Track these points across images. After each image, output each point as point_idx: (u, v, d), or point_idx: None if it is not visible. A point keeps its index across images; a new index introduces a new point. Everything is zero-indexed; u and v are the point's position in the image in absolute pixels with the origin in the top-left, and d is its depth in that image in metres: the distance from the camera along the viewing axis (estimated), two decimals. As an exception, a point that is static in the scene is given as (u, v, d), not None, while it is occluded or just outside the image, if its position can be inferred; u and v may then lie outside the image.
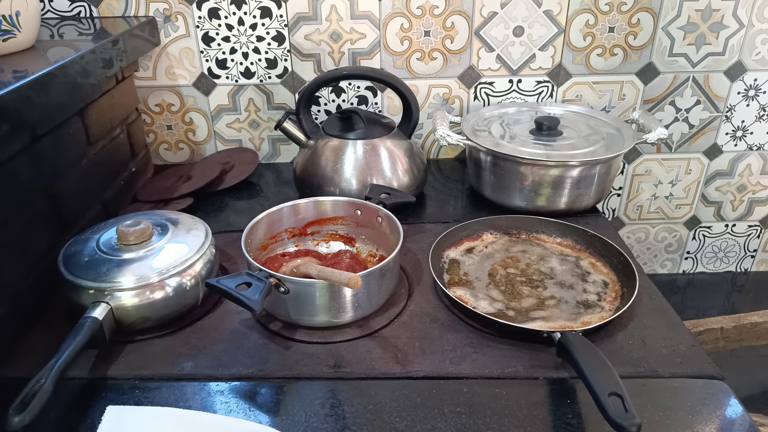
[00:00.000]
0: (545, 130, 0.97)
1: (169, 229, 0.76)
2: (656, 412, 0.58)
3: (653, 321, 0.71)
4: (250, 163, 1.11)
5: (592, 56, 1.11)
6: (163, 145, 1.18)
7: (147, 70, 1.10)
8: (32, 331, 0.71)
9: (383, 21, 1.07)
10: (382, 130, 0.98)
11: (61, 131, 0.81)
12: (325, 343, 0.69)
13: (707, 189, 1.26)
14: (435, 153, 1.22)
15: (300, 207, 0.85)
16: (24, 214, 0.72)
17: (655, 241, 1.32)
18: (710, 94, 1.15)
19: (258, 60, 1.10)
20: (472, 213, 0.98)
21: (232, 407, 0.60)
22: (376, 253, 0.84)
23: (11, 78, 0.65)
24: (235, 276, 0.66)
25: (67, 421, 0.59)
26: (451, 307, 0.74)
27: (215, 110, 1.15)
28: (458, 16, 1.07)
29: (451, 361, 0.65)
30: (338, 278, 0.65)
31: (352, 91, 1.14)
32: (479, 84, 1.14)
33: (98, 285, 0.67)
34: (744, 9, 1.07)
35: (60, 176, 0.81)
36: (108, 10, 1.04)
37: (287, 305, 0.69)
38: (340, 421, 0.58)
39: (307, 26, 1.07)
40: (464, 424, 0.57)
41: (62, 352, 0.59)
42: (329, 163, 0.96)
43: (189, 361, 0.66)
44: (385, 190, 0.89)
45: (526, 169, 0.92)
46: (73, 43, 0.89)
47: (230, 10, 1.05)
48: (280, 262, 0.76)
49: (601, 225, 0.93)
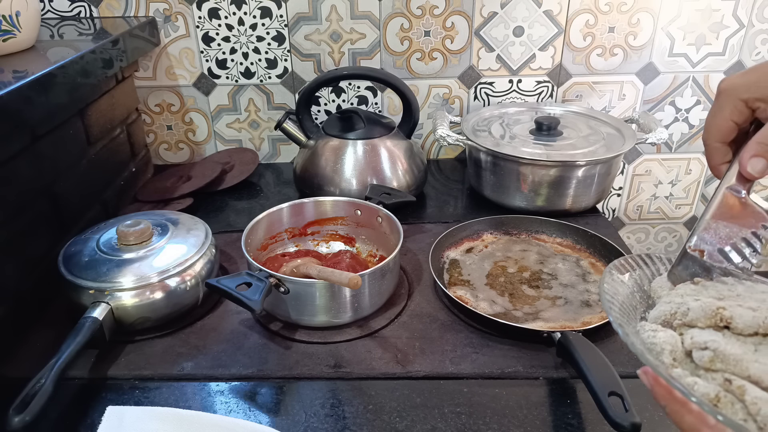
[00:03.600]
0: (545, 130, 0.97)
1: (169, 229, 0.76)
2: (656, 412, 0.58)
3: (653, 321, 0.71)
4: (250, 163, 1.11)
5: (592, 56, 1.11)
6: (163, 145, 1.18)
7: (147, 70, 1.10)
8: (32, 331, 0.71)
9: (383, 21, 1.07)
10: (382, 130, 0.98)
11: (61, 131, 0.81)
12: (325, 343, 0.69)
13: (707, 189, 1.26)
14: (435, 153, 1.22)
15: (300, 207, 0.85)
16: (24, 214, 0.72)
17: (655, 241, 1.32)
18: (710, 94, 1.15)
19: (258, 60, 1.10)
20: (472, 213, 0.98)
21: (232, 407, 0.60)
22: (376, 253, 0.84)
23: (11, 78, 0.65)
24: (235, 276, 0.66)
25: (67, 421, 0.59)
26: (451, 307, 0.74)
27: (215, 110, 1.15)
28: (458, 16, 1.07)
29: (451, 361, 0.65)
30: (338, 278, 0.65)
31: (352, 91, 1.14)
32: (479, 84, 1.14)
33: (98, 285, 0.67)
34: (744, 9, 1.07)
35: (60, 176, 0.81)
36: (108, 10, 1.04)
37: (287, 305, 0.69)
38: (340, 421, 0.58)
39: (307, 26, 1.07)
40: (464, 424, 0.57)
41: (62, 352, 0.59)
42: (329, 163, 0.96)
43: (189, 361, 0.66)
44: (385, 190, 0.89)
45: (526, 169, 0.92)
46: (73, 43, 0.89)
47: (230, 10, 1.05)
48: (280, 262, 0.76)
49: (601, 225, 0.93)
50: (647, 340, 0.41)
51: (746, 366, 0.38)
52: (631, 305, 0.46)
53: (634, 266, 0.50)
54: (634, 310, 0.46)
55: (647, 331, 0.42)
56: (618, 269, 0.49)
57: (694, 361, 0.39)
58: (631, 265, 0.50)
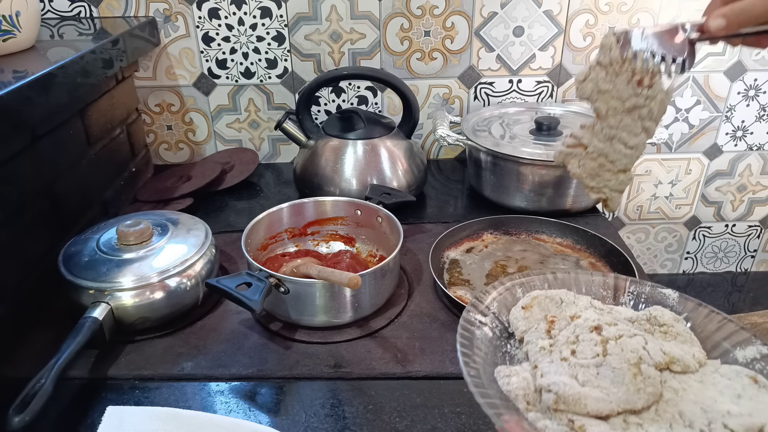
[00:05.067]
0: (545, 130, 0.97)
1: (169, 229, 0.76)
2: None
3: (653, 321, 0.71)
4: (250, 163, 1.11)
5: (592, 56, 1.11)
6: (163, 145, 1.18)
7: (147, 70, 1.10)
8: (32, 331, 0.71)
9: (383, 21, 1.07)
10: (382, 130, 0.98)
11: (61, 131, 0.81)
12: (325, 343, 0.69)
13: (707, 189, 1.26)
14: (435, 153, 1.22)
15: (300, 207, 0.85)
16: (24, 214, 0.72)
17: (655, 241, 1.32)
18: (710, 94, 1.15)
19: (258, 60, 1.10)
20: (472, 213, 0.98)
21: (232, 407, 0.60)
22: (376, 253, 0.84)
23: (11, 78, 0.65)
24: (235, 276, 0.66)
25: (67, 421, 0.59)
26: (451, 307, 0.74)
27: (215, 110, 1.15)
28: (458, 16, 1.07)
29: (451, 361, 0.65)
30: (338, 278, 0.65)
31: (352, 91, 1.14)
32: (479, 84, 1.14)
33: (98, 285, 0.67)
34: (744, 9, 1.07)
35: (60, 176, 0.81)
36: (108, 10, 1.04)
37: (287, 305, 0.69)
38: (340, 421, 0.58)
39: (307, 26, 1.07)
40: (464, 424, 0.57)
41: (62, 352, 0.59)
42: (329, 163, 0.96)
43: (189, 361, 0.66)
44: (385, 190, 0.89)
45: (526, 169, 0.92)
46: (73, 43, 0.89)
47: (230, 10, 1.05)
48: (280, 262, 0.76)
49: (601, 225, 0.93)
50: (503, 388, 0.45)
51: (585, 404, 0.42)
52: (491, 347, 0.50)
53: (488, 306, 0.53)
54: (495, 350, 0.50)
55: (502, 378, 0.46)
56: (474, 310, 0.52)
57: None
58: (484, 306, 0.53)
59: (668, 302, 0.55)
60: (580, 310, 0.52)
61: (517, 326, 0.53)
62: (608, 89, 0.57)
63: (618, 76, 0.56)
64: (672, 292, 0.55)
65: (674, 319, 0.51)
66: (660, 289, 0.56)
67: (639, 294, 0.56)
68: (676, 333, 0.50)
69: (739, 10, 0.50)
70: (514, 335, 0.53)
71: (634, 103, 0.57)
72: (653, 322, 0.51)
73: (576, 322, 0.50)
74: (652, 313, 0.52)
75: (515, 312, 0.54)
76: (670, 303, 0.55)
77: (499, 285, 0.55)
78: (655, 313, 0.52)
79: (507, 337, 0.53)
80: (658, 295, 0.56)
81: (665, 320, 0.51)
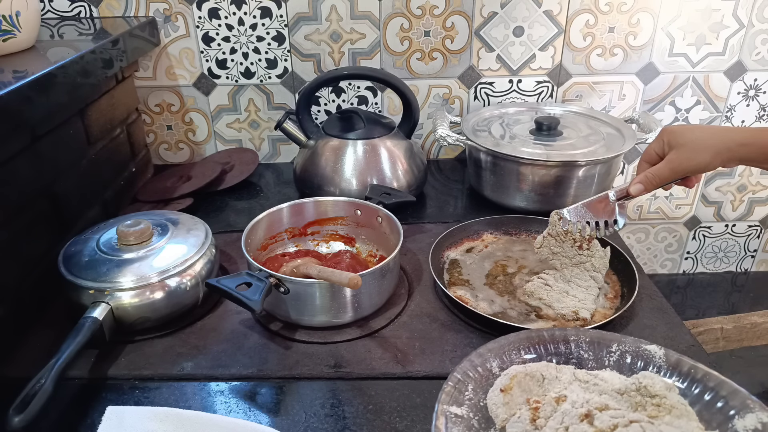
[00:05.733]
0: (545, 130, 0.97)
1: (169, 229, 0.76)
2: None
3: (653, 321, 0.71)
4: (250, 163, 1.11)
5: (592, 56, 1.11)
6: (163, 145, 1.18)
7: (147, 70, 1.10)
8: (32, 331, 0.71)
9: (383, 21, 1.07)
10: (382, 130, 0.98)
11: (61, 131, 0.81)
12: (325, 343, 0.69)
13: (707, 189, 1.26)
14: (435, 153, 1.22)
15: (300, 207, 0.85)
16: (24, 214, 0.72)
17: (655, 241, 1.32)
18: (710, 94, 1.15)
19: (258, 60, 1.10)
20: (472, 213, 0.98)
21: (232, 407, 0.60)
22: (376, 253, 0.84)
23: (11, 78, 0.65)
24: (235, 276, 0.66)
25: (67, 421, 0.59)
26: (451, 307, 0.74)
27: (215, 110, 1.15)
28: (458, 16, 1.07)
29: (451, 361, 0.65)
30: (338, 278, 0.65)
31: (352, 91, 1.14)
32: (479, 84, 1.14)
33: (98, 285, 0.67)
34: (744, 9, 1.07)
35: (60, 176, 0.81)
36: (108, 10, 1.04)
37: (287, 305, 0.69)
38: (340, 421, 0.58)
39: (307, 26, 1.07)
40: (464, 424, 0.57)
41: (62, 352, 0.59)
42: (329, 163, 0.96)
43: (189, 361, 0.66)
44: (385, 190, 0.89)
45: (526, 169, 0.92)
46: (73, 43, 0.89)
47: (230, 10, 1.05)
48: (280, 262, 0.76)
49: (601, 225, 0.93)
50: None
51: None
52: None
53: (465, 390, 0.52)
54: None
55: None
56: (449, 400, 0.51)
57: None
58: (462, 390, 0.52)
59: (655, 360, 0.55)
60: (564, 387, 0.49)
61: (496, 414, 0.49)
62: (559, 251, 0.76)
63: (564, 242, 0.75)
64: (657, 348, 0.56)
65: (666, 388, 0.49)
66: (644, 345, 0.56)
67: (623, 353, 0.56)
68: (671, 406, 0.47)
69: (652, 176, 0.69)
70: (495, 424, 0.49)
71: (579, 260, 0.75)
72: (644, 393, 0.49)
73: (563, 408, 0.47)
74: (641, 381, 0.49)
75: (493, 396, 0.50)
76: (657, 362, 0.55)
77: (474, 354, 0.55)
78: (644, 381, 0.49)
79: (486, 428, 0.49)
80: (643, 353, 0.55)
81: (656, 390, 0.48)
